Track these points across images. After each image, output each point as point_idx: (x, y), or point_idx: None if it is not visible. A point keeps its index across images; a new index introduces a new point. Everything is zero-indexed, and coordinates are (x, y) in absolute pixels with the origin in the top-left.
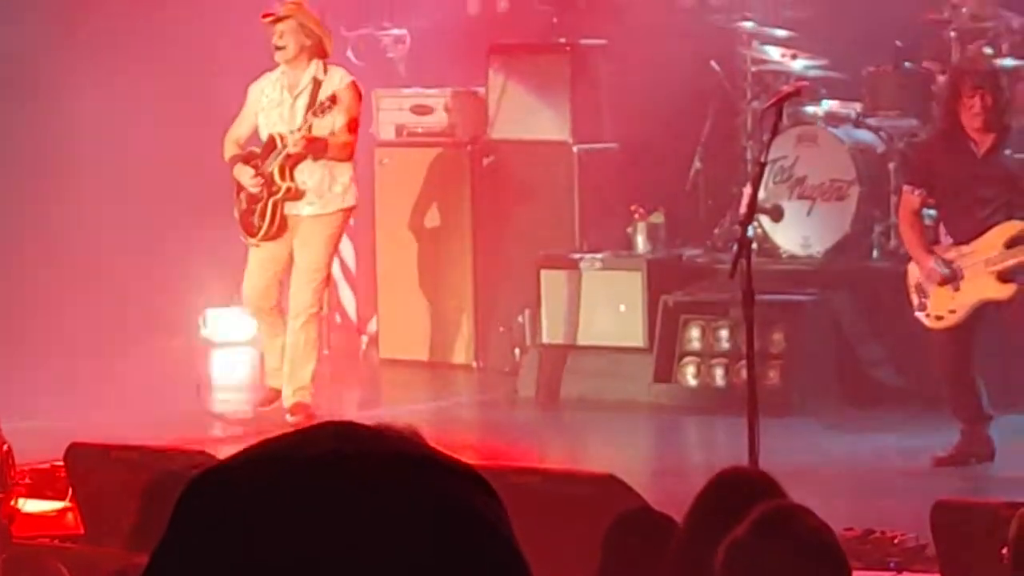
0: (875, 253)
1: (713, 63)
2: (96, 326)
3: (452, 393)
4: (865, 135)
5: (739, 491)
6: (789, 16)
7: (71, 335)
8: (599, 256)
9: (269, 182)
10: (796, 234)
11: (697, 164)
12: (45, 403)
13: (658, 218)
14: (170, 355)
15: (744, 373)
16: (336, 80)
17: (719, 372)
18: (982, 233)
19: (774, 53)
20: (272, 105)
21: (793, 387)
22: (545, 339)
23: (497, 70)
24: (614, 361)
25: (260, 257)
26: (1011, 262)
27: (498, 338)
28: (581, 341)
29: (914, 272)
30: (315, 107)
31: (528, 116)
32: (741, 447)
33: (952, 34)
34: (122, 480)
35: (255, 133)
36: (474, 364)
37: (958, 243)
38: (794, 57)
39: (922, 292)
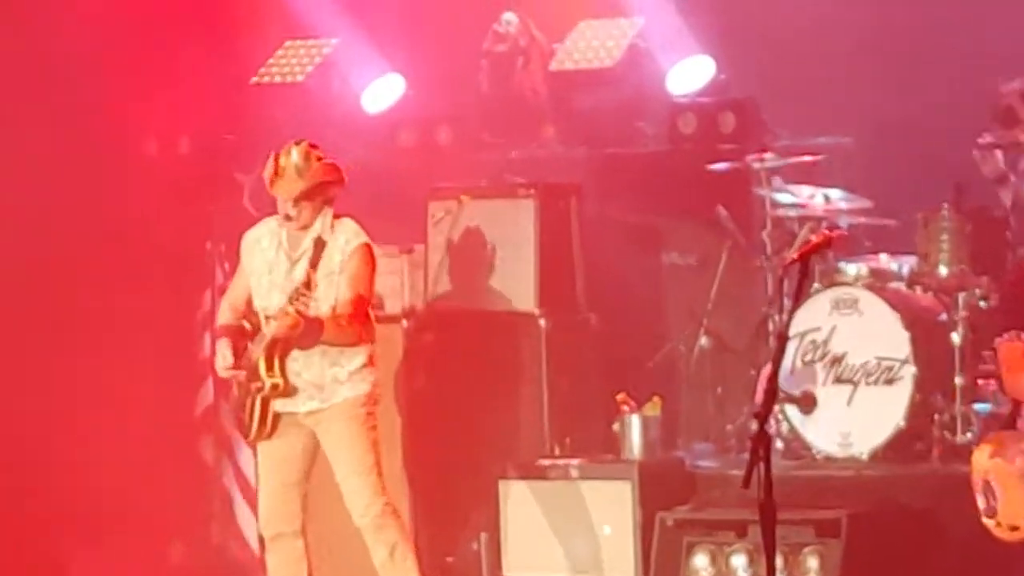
0: (936, 452)
1: (720, 208)
2: None
3: None
4: (921, 299)
5: None
6: (821, 144)
7: None
8: (575, 462)
9: (253, 374)
10: (833, 430)
11: (702, 340)
12: None
13: (653, 410)
14: None
15: None
16: (341, 241)
17: None
18: None
19: (801, 193)
20: (265, 268)
21: None
22: (507, 572)
23: (439, 221)
24: None
25: (269, 460)
26: None
27: (445, 571)
28: (554, 574)
29: (980, 465)
30: (297, 288)
31: (480, 281)
32: None
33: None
34: None
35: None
36: None
37: None
38: (827, 198)
39: (990, 493)
